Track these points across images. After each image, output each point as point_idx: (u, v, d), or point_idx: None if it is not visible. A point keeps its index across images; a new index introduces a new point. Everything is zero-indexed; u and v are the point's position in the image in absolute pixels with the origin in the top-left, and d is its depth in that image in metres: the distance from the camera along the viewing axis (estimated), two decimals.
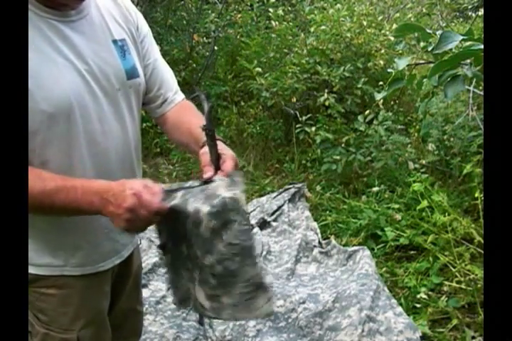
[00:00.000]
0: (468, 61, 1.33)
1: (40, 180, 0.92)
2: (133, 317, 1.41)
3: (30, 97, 0.91)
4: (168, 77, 1.22)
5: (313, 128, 3.55)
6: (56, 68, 0.96)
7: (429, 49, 1.27)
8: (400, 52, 3.44)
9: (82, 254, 1.11)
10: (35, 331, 1.13)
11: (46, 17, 0.96)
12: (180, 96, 1.24)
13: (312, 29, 3.95)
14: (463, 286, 2.17)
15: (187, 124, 1.15)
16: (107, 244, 1.14)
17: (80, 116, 0.99)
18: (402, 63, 1.44)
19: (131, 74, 1.09)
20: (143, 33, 1.16)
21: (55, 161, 1.00)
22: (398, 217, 2.71)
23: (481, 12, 3.88)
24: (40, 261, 1.08)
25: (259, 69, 3.90)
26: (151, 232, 2.48)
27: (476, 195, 2.39)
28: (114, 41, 1.07)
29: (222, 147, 0.99)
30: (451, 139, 3.12)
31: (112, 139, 1.06)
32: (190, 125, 1.13)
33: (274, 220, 3.01)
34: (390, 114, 3.48)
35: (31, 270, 1.08)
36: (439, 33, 1.23)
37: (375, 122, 3.37)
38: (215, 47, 4.77)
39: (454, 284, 2.20)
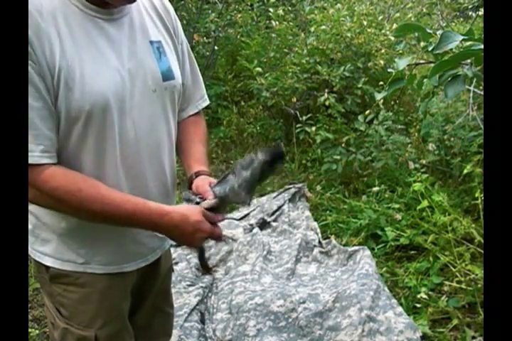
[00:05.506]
0: (469, 61, 1.33)
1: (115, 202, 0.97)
2: (161, 318, 1.39)
3: (68, 91, 0.92)
4: (197, 87, 1.27)
5: (314, 128, 3.55)
6: (96, 65, 0.96)
7: (430, 49, 1.27)
8: (400, 52, 3.43)
9: (107, 253, 1.10)
10: (57, 324, 1.14)
11: (90, 14, 0.98)
12: (205, 102, 1.29)
13: (312, 29, 3.95)
14: (463, 286, 2.17)
15: (189, 143, 1.22)
16: (133, 246, 1.13)
17: (116, 115, 0.99)
18: (402, 63, 1.44)
19: (167, 75, 1.09)
20: (180, 39, 1.19)
21: (87, 161, 1.00)
22: (398, 216, 2.70)
23: (481, 12, 3.87)
24: (64, 256, 1.08)
25: (260, 69, 3.89)
26: None
27: (477, 194, 2.38)
28: (151, 42, 1.08)
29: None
30: (452, 139, 3.11)
31: (144, 142, 1.06)
32: (190, 146, 1.22)
33: (274, 220, 3.01)
34: (390, 113, 3.48)
35: (55, 264, 1.08)
36: (439, 32, 1.23)
37: (375, 122, 3.37)
38: (216, 47, 4.77)
39: (454, 284, 2.20)
